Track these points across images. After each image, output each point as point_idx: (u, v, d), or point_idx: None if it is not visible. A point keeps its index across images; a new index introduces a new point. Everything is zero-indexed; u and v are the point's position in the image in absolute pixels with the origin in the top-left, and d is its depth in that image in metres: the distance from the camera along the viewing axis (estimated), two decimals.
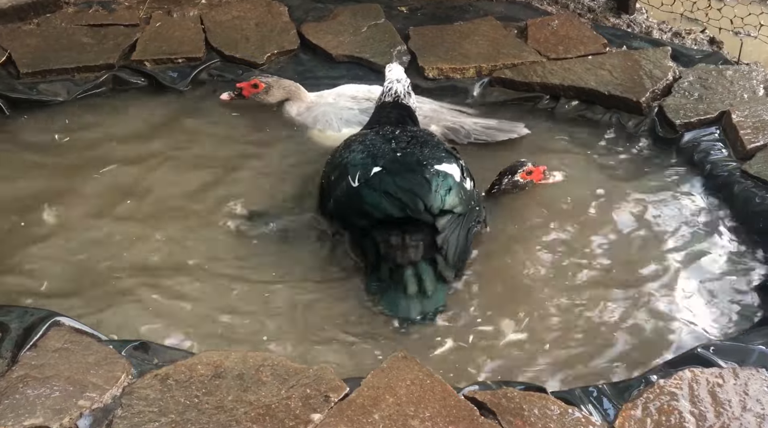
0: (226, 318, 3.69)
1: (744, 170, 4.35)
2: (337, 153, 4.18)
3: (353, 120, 4.66)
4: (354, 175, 3.89)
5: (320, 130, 4.70)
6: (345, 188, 3.91)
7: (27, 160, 4.58)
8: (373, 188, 3.81)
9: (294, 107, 4.85)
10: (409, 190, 3.76)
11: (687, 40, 5.72)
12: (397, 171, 3.85)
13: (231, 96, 4.86)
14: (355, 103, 4.76)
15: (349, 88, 4.89)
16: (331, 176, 4.05)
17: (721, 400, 3.11)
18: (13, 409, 2.99)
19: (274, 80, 4.89)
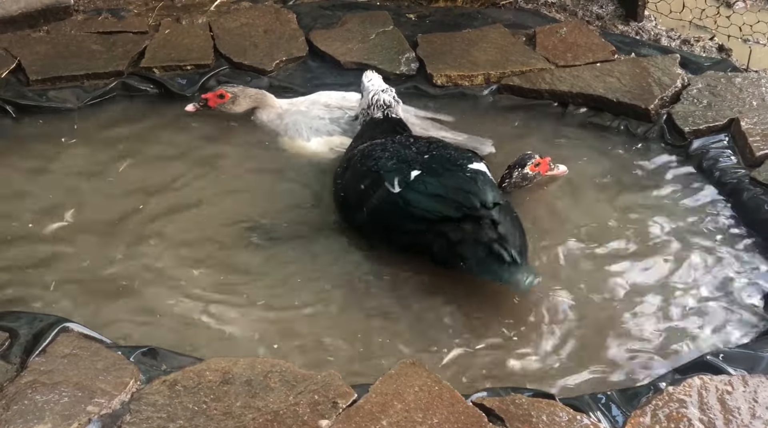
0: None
1: (753, 177, 4.35)
2: (352, 163, 4.18)
3: (323, 130, 4.66)
4: (392, 181, 3.94)
5: (290, 139, 4.69)
6: (384, 195, 3.95)
7: (36, 166, 4.60)
8: (419, 191, 3.88)
9: (264, 114, 4.82)
10: (459, 189, 3.83)
11: (696, 48, 5.72)
12: (438, 172, 3.93)
13: (196, 107, 4.80)
14: (327, 112, 4.74)
15: (323, 96, 4.87)
16: (359, 185, 4.06)
17: (730, 408, 3.11)
18: (22, 415, 3.00)
19: (240, 90, 4.84)
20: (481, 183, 3.89)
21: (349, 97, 4.80)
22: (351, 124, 4.67)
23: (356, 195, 4.08)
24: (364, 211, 4.03)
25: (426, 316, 3.76)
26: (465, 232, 3.76)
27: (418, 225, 3.85)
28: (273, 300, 3.81)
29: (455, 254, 3.77)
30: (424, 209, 3.84)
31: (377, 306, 3.80)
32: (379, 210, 3.97)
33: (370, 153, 4.16)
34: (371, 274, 3.95)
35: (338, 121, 4.68)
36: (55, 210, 4.28)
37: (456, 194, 3.82)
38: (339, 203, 4.24)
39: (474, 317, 3.75)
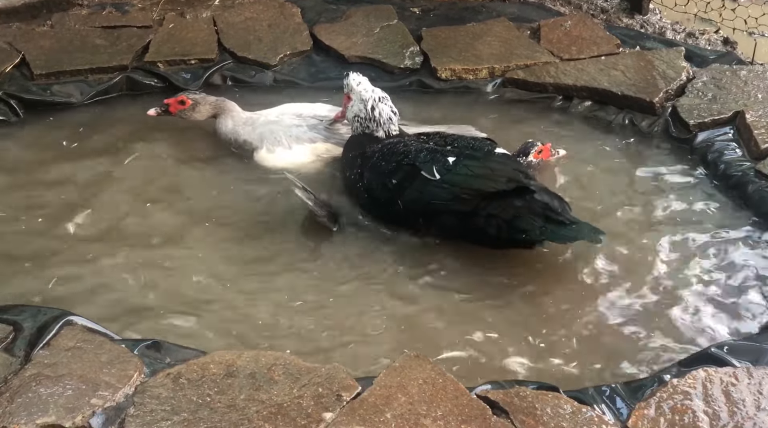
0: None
1: (758, 170, 4.33)
2: (372, 164, 4.19)
3: (303, 137, 4.56)
4: (430, 170, 4.01)
5: (269, 149, 4.56)
6: (422, 185, 4.02)
7: (41, 159, 4.62)
8: (464, 174, 3.98)
9: (228, 121, 4.70)
10: (504, 166, 4.02)
11: (701, 41, 5.71)
12: (475, 156, 4.06)
13: (158, 112, 4.72)
14: (302, 121, 4.62)
15: (291, 107, 4.74)
16: (389, 181, 4.10)
17: (734, 399, 3.10)
18: (26, 408, 3.00)
19: (201, 97, 4.73)
20: (515, 162, 4.15)
21: (317, 108, 4.71)
22: (330, 129, 4.60)
23: (387, 192, 4.12)
24: (399, 204, 4.08)
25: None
26: (516, 208, 3.89)
27: (466, 206, 3.95)
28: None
29: (516, 229, 3.88)
30: (474, 189, 3.95)
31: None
32: (419, 200, 4.04)
33: (391, 151, 4.20)
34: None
35: (316, 129, 4.59)
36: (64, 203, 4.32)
37: (502, 170, 3.98)
38: (365, 204, 4.25)
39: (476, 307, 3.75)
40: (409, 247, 4.08)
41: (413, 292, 3.86)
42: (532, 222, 3.85)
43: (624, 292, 3.85)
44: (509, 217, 3.88)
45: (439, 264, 3.99)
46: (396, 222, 4.17)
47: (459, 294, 3.84)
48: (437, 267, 3.98)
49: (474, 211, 3.95)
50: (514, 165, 4.10)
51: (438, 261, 4.01)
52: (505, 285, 3.89)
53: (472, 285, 3.89)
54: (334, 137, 4.58)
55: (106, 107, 5.04)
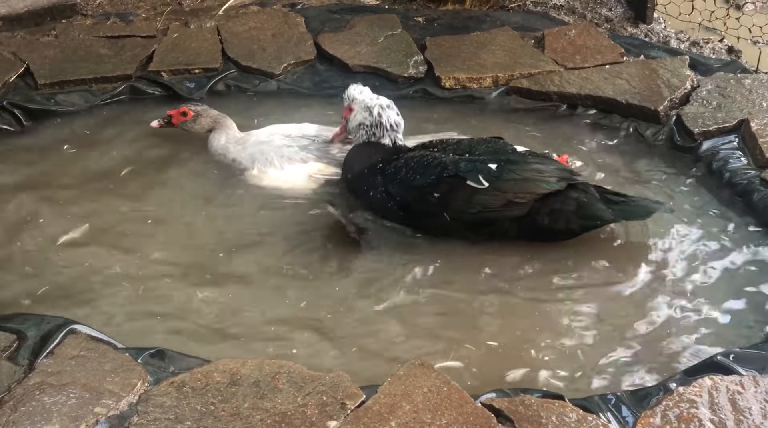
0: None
1: (763, 178, 4.32)
2: (401, 179, 4.16)
3: (295, 157, 4.49)
4: (476, 178, 4.03)
5: (260, 169, 4.51)
6: (469, 195, 4.03)
7: (44, 168, 4.62)
8: (513, 179, 4.02)
9: (222, 136, 4.66)
10: (549, 165, 4.09)
11: (705, 49, 5.71)
12: (512, 160, 4.10)
13: (161, 123, 4.72)
14: (291, 141, 4.55)
15: (279, 127, 4.67)
16: (431, 195, 4.08)
17: (741, 408, 3.08)
18: (30, 416, 2.99)
19: (203, 109, 4.71)
20: (547, 158, 4.23)
21: (305, 128, 4.65)
22: (323, 149, 4.54)
23: (429, 206, 4.10)
24: (445, 216, 4.08)
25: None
26: (577, 199, 4.02)
27: (522, 210, 4.01)
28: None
29: (587, 217, 4.02)
30: (528, 192, 4.00)
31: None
32: (467, 210, 4.05)
33: (421, 164, 4.16)
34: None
35: (307, 149, 4.52)
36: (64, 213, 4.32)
37: (548, 170, 4.06)
38: (404, 220, 4.21)
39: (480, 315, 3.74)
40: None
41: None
42: (600, 208, 4.00)
43: (628, 299, 3.84)
44: (575, 209, 4.00)
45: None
46: (443, 233, 4.15)
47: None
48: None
49: (532, 212, 4.02)
50: (551, 161, 4.18)
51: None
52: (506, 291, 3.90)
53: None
54: (326, 157, 4.52)
55: (110, 116, 5.03)
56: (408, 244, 4.15)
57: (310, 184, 4.48)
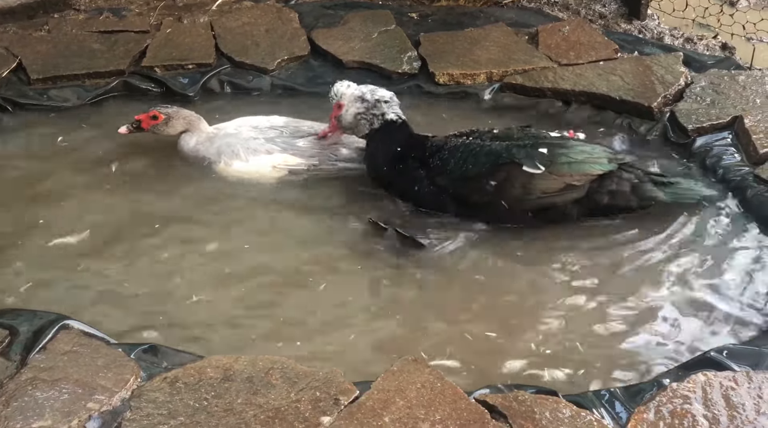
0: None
1: (757, 175, 4.32)
2: (449, 170, 4.17)
3: (260, 149, 4.50)
4: (532, 164, 4.07)
5: (226, 163, 4.51)
6: (527, 180, 4.07)
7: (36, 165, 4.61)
8: (566, 163, 4.09)
9: (193, 138, 4.60)
10: (595, 148, 4.21)
11: (699, 46, 5.70)
12: (557, 144, 4.17)
13: (129, 129, 4.58)
14: (259, 133, 4.56)
15: (248, 119, 4.67)
16: (487, 183, 4.09)
17: (734, 404, 3.08)
18: (22, 411, 2.98)
19: (174, 111, 4.61)
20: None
21: (273, 119, 4.66)
22: (289, 141, 4.53)
23: (485, 195, 4.11)
24: (503, 204, 4.10)
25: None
26: (628, 180, 4.17)
27: (580, 193, 4.10)
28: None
29: (642, 197, 4.17)
30: (582, 175, 4.08)
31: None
32: (530, 196, 4.09)
33: (469, 153, 4.16)
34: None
35: (273, 141, 4.52)
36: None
37: (597, 151, 4.17)
38: (459, 212, 4.21)
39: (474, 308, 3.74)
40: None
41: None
42: (652, 189, 4.16)
43: (621, 296, 3.83)
44: (630, 189, 4.14)
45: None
46: (501, 221, 4.17)
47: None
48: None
49: (590, 192, 4.11)
50: (590, 143, 4.29)
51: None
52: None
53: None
54: (291, 148, 4.52)
55: (102, 111, 5.02)
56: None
57: (273, 174, 4.50)
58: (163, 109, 4.61)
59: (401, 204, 4.34)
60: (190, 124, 4.60)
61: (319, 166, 4.52)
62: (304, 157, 4.51)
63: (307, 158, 4.51)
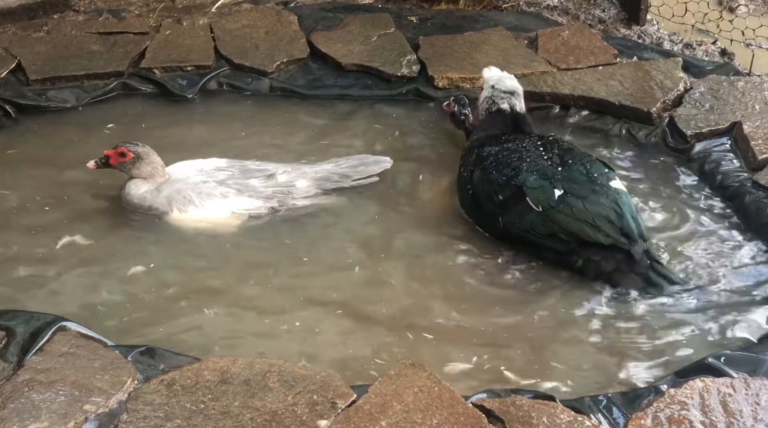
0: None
1: (755, 180, 4.33)
2: (486, 167, 4.18)
3: (214, 192, 4.23)
4: (535, 200, 3.94)
5: (179, 210, 4.21)
6: (525, 212, 3.96)
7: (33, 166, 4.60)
8: (565, 214, 3.88)
9: (143, 187, 4.28)
10: (605, 218, 3.86)
11: (698, 52, 5.70)
12: (582, 194, 3.92)
13: (97, 164, 4.28)
14: (207, 176, 4.29)
15: (188, 163, 4.39)
16: (496, 196, 4.07)
17: (732, 410, 3.08)
18: (18, 413, 2.98)
19: (144, 152, 4.27)
20: (626, 210, 3.90)
21: (215, 161, 4.39)
22: (242, 182, 4.29)
23: (492, 205, 4.10)
24: (500, 221, 4.06)
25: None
26: (618, 262, 3.86)
27: (562, 246, 3.92)
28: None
29: (616, 282, 3.86)
30: (569, 232, 3.88)
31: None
32: (520, 225, 3.99)
33: (505, 160, 4.15)
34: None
35: (226, 183, 4.27)
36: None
37: (602, 222, 3.85)
38: (468, 203, 4.27)
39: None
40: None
41: None
42: (633, 282, 3.84)
43: (619, 302, 3.83)
44: (610, 270, 3.86)
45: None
46: (497, 235, 4.14)
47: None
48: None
49: (571, 251, 3.91)
50: (623, 218, 3.86)
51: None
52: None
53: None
54: (246, 190, 4.27)
55: (101, 112, 5.01)
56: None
57: (233, 221, 4.25)
58: (132, 146, 4.26)
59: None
60: (154, 172, 4.28)
61: (279, 207, 4.29)
62: (262, 199, 4.28)
63: (265, 200, 4.28)
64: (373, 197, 4.44)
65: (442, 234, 4.22)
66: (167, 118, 4.99)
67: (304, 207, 4.33)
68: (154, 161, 4.27)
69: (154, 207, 4.25)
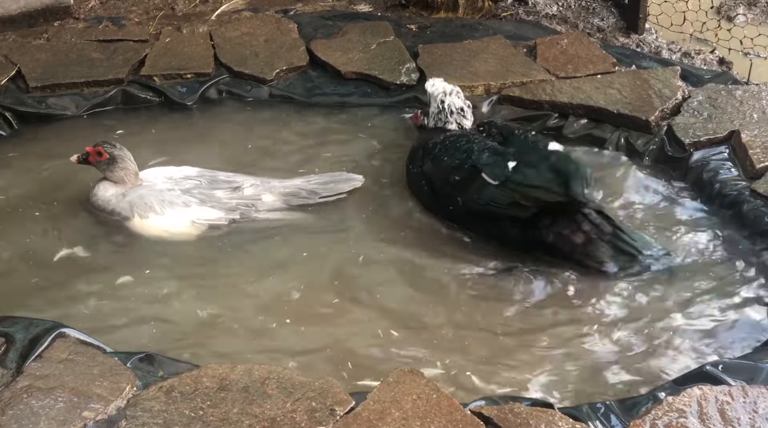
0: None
1: (753, 189, 4.33)
2: (435, 155, 4.33)
3: (177, 201, 4.24)
4: (492, 175, 4.08)
5: (140, 217, 4.22)
6: (482, 188, 4.10)
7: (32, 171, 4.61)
8: (520, 182, 4.02)
9: (111, 189, 4.30)
10: (555, 179, 3.98)
11: (696, 60, 5.71)
12: (532, 161, 4.08)
13: (79, 159, 4.32)
14: (174, 184, 4.30)
15: (159, 170, 4.44)
16: (451, 178, 4.21)
17: (730, 418, 3.09)
18: (17, 420, 2.98)
19: (120, 155, 4.29)
20: (571, 166, 4.03)
21: (186, 170, 4.41)
22: (207, 193, 4.29)
23: (450, 187, 4.22)
24: (459, 202, 4.18)
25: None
26: (585, 233, 3.99)
27: (521, 212, 4.02)
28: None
29: (589, 256, 3.99)
30: (528, 197, 4.00)
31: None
32: (479, 200, 4.12)
33: (454, 145, 4.32)
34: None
35: (191, 192, 4.27)
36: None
37: (553, 183, 3.97)
38: (428, 199, 4.38)
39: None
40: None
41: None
42: (605, 251, 3.97)
43: (617, 310, 3.84)
44: (582, 242, 3.99)
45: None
46: (458, 221, 4.26)
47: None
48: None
49: (541, 226, 4.03)
50: (574, 174, 4.00)
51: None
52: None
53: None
54: (210, 201, 4.28)
55: (101, 120, 5.02)
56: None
57: (191, 231, 4.25)
58: (110, 147, 4.29)
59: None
60: (126, 178, 4.30)
61: (241, 220, 4.29)
62: (224, 210, 4.28)
63: (227, 211, 4.27)
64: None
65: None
66: (166, 126, 4.99)
67: (266, 220, 4.32)
68: (127, 167, 4.29)
69: (116, 211, 4.26)
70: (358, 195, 4.49)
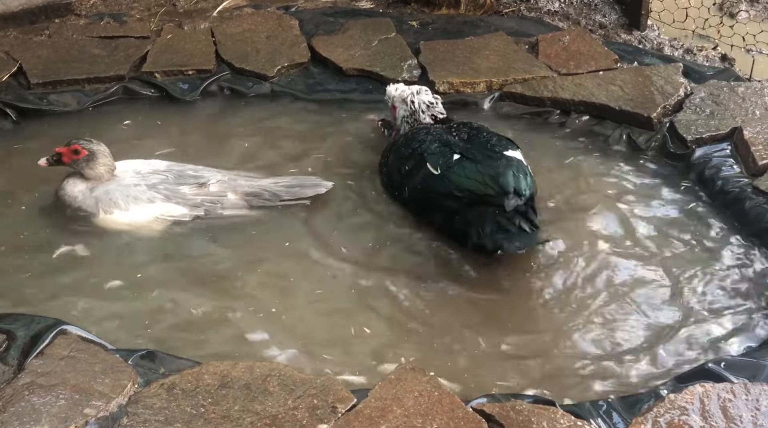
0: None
1: (755, 186, 4.32)
2: (396, 146, 4.47)
3: (142, 197, 4.18)
4: (434, 164, 4.18)
5: (105, 212, 4.16)
6: (425, 176, 4.21)
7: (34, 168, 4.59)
8: (458, 175, 4.10)
9: (80, 186, 4.24)
10: (493, 176, 4.03)
11: (698, 57, 5.71)
12: (477, 158, 4.14)
13: (49, 161, 4.22)
14: (141, 179, 4.24)
15: (128, 163, 4.35)
16: (404, 166, 4.32)
17: (732, 415, 3.08)
18: (19, 417, 2.98)
19: (99, 150, 4.22)
20: (511, 170, 4.05)
21: (155, 163, 4.37)
22: (173, 189, 4.24)
23: (400, 175, 4.35)
24: (406, 190, 4.30)
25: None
26: (493, 220, 3.99)
27: (455, 203, 4.09)
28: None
29: (487, 237, 3.98)
30: (462, 189, 4.06)
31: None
32: (420, 190, 4.22)
33: (414, 136, 4.43)
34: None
35: (156, 187, 4.22)
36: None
37: (488, 179, 4.02)
38: (384, 182, 4.51)
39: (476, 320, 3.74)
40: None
41: None
42: (496, 237, 3.97)
43: (618, 306, 3.83)
44: (484, 225, 4.00)
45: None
46: (404, 204, 4.36)
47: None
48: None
49: (453, 214, 4.09)
50: (510, 176, 4.00)
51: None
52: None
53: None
54: (175, 197, 4.22)
55: (102, 116, 5.02)
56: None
57: (155, 226, 4.21)
58: (87, 143, 4.21)
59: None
60: (106, 173, 4.25)
61: (205, 216, 4.23)
62: (188, 207, 4.22)
63: (191, 208, 4.22)
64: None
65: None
66: (167, 122, 4.99)
67: (230, 217, 4.28)
68: (108, 163, 4.25)
69: (83, 208, 4.21)
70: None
